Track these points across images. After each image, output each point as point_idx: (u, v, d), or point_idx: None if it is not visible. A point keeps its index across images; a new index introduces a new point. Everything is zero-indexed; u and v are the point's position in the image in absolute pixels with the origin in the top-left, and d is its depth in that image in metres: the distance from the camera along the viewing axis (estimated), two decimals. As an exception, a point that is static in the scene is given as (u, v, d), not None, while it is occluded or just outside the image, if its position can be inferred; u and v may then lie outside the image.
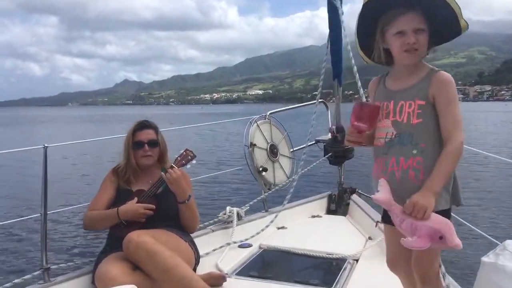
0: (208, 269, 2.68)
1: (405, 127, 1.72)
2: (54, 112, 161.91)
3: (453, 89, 1.71)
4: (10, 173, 12.86)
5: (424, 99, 1.70)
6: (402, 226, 1.67)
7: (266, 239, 3.46)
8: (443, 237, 1.60)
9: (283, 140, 4.33)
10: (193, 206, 2.67)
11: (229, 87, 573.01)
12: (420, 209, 1.60)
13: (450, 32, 1.77)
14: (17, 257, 6.25)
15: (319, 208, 4.34)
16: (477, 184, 12.06)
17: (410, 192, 1.66)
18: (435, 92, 1.69)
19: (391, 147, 1.75)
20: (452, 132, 1.65)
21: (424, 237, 1.60)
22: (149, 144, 2.67)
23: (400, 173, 1.72)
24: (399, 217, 1.67)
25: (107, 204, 2.58)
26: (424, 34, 1.71)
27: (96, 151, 17.34)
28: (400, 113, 1.74)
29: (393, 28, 1.73)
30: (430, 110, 1.70)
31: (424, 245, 1.61)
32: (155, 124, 2.78)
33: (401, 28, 1.71)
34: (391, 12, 1.73)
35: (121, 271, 2.19)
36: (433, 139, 1.69)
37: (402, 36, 1.71)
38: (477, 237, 5.69)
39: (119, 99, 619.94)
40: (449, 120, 1.67)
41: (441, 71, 1.74)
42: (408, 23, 1.70)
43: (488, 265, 1.83)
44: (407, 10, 1.70)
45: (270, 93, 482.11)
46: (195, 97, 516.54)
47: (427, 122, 1.70)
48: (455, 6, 1.67)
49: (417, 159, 1.69)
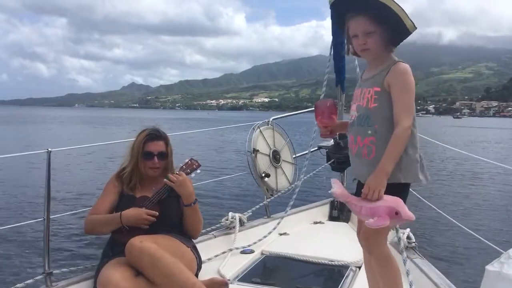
0: (210, 275, 2.67)
1: (364, 110, 1.96)
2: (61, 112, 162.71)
3: (408, 78, 1.88)
4: (13, 177, 12.88)
5: (380, 86, 1.91)
6: (362, 213, 1.86)
7: (268, 245, 3.45)
8: (398, 213, 1.78)
9: (286, 146, 4.33)
10: (198, 211, 2.66)
11: (235, 94, 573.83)
12: (376, 190, 1.80)
13: (400, 32, 1.92)
14: (19, 261, 6.25)
15: (322, 214, 4.34)
16: (481, 192, 12.02)
17: (362, 167, 1.95)
18: (390, 80, 1.89)
19: (353, 127, 2.02)
20: (401, 117, 1.84)
21: (383, 216, 1.78)
22: (159, 156, 2.65)
23: (357, 150, 1.99)
24: (357, 205, 1.87)
25: (109, 209, 2.57)
26: (373, 35, 1.90)
27: (99, 155, 17.37)
28: (362, 98, 1.99)
29: (350, 31, 1.97)
30: (385, 96, 1.90)
31: (385, 223, 1.78)
32: (165, 135, 2.74)
33: (354, 32, 1.94)
34: (347, 16, 1.95)
35: (123, 276, 2.18)
36: (386, 122, 1.89)
37: (356, 39, 1.95)
38: (481, 245, 5.66)
39: (125, 102, 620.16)
40: (400, 106, 1.86)
41: (399, 62, 1.92)
42: (357, 27, 1.92)
43: (492, 274, 1.82)
44: (356, 14, 1.91)
45: (276, 101, 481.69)
46: (201, 102, 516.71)
47: (382, 107, 1.90)
48: (397, 9, 1.83)
49: (371, 138, 1.92)
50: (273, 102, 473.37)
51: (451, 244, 6.93)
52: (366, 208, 1.83)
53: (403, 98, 1.86)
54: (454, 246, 6.85)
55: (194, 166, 2.68)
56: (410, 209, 1.81)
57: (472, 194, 11.70)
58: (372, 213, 1.80)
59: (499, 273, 1.79)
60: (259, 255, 3.27)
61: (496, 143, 34.26)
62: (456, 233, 7.15)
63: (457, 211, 9.33)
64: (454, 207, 9.87)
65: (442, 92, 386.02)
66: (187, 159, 2.70)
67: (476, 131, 56.90)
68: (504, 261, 1.82)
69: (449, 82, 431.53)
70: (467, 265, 5.95)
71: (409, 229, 3.01)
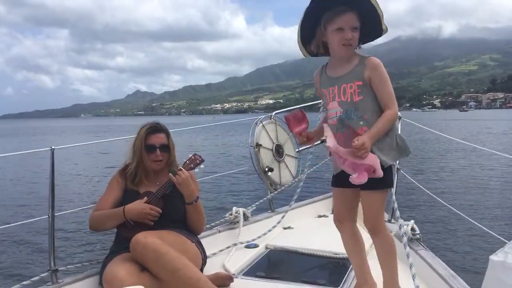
0: (215, 270, 2.68)
1: (350, 105, 2.09)
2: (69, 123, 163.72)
3: (384, 71, 2.08)
4: (18, 175, 12.95)
5: (361, 80, 2.07)
6: (344, 165, 2.06)
7: (273, 239, 3.45)
8: (375, 170, 2.00)
9: (289, 140, 4.32)
10: (200, 208, 2.67)
11: (240, 97, 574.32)
12: (366, 148, 1.96)
13: (375, 32, 2.14)
14: (25, 259, 6.30)
15: (325, 208, 4.34)
16: (485, 183, 11.99)
17: None
18: (369, 74, 2.06)
19: (340, 123, 2.13)
20: (389, 103, 2.06)
21: (363, 173, 2.00)
22: (161, 148, 2.66)
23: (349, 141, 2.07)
24: (342, 158, 2.05)
25: (113, 205, 2.58)
26: (357, 31, 2.06)
27: (103, 153, 17.42)
28: (344, 94, 2.11)
29: (333, 25, 2.05)
30: (367, 88, 2.07)
31: (364, 179, 1.98)
32: (166, 128, 2.76)
33: (341, 25, 2.04)
34: (333, 11, 2.04)
35: (128, 272, 2.19)
36: (372, 110, 2.07)
37: (340, 32, 2.04)
38: (485, 236, 5.66)
39: (131, 110, 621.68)
40: (385, 95, 2.07)
41: (371, 57, 2.09)
42: (347, 21, 2.03)
43: (496, 264, 1.82)
44: (346, 10, 2.02)
45: (281, 102, 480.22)
46: (206, 107, 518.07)
47: (366, 98, 2.08)
48: (380, 11, 2.03)
49: (364, 128, 2.06)
50: (278, 104, 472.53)
51: (455, 235, 6.94)
52: (349, 162, 2.02)
53: (386, 88, 2.07)
54: (458, 236, 6.86)
55: (198, 161, 2.69)
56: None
57: (476, 184, 11.69)
58: (354, 168, 2.02)
59: (503, 263, 1.78)
60: (263, 249, 3.28)
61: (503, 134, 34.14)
62: (460, 224, 7.16)
63: (461, 201, 9.33)
64: (457, 197, 9.87)
65: (448, 85, 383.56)
66: (191, 155, 2.71)
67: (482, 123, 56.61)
68: (508, 251, 1.81)
69: (453, 75, 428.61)
70: (471, 255, 5.96)
71: (413, 221, 3.01)
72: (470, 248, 6.27)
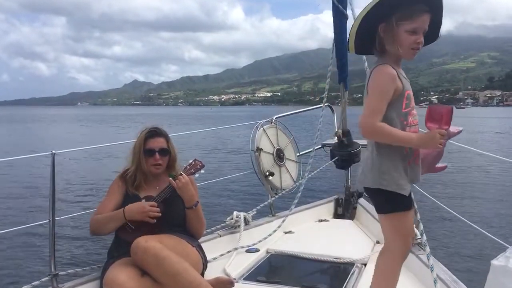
0: (216, 274, 2.67)
1: None
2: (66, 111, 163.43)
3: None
4: (18, 179, 12.94)
5: None
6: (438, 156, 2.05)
7: (274, 243, 3.45)
8: None
9: (290, 145, 4.33)
10: (200, 212, 2.68)
11: (238, 89, 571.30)
12: None
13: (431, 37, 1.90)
14: (25, 263, 6.28)
15: (326, 212, 4.33)
16: (486, 187, 11.97)
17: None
18: None
19: None
20: None
21: None
22: (160, 152, 2.67)
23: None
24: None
25: (114, 209, 2.57)
26: None
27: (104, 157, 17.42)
28: None
29: (410, 24, 1.78)
30: None
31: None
32: (165, 132, 2.78)
33: (418, 26, 1.78)
34: (413, 8, 1.77)
35: (129, 277, 2.19)
36: None
37: (414, 35, 1.78)
38: (486, 240, 5.63)
39: (128, 99, 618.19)
40: None
41: None
42: (424, 24, 1.79)
43: (498, 268, 1.82)
44: (425, 11, 1.77)
45: (278, 95, 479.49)
46: (204, 98, 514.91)
47: None
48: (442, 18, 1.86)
49: None
50: (275, 96, 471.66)
51: (456, 239, 6.92)
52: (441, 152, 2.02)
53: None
54: (459, 241, 6.84)
55: (198, 166, 2.71)
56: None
57: (477, 188, 11.66)
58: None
59: (504, 268, 1.78)
60: (264, 253, 3.27)
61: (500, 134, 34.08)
62: (461, 228, 7.13)
63: (462, 205, 9.31)
64: (459, 201, 9.84)
65: (445, 82, 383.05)
66: (191, 160, 2.73)
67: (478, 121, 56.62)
68: (510, 256, 1.81)
69: (451, 72, 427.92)
70: (472, 260, 5.94)
71: (414, 225, 3.00)
72: (471, 253, 6.25)
